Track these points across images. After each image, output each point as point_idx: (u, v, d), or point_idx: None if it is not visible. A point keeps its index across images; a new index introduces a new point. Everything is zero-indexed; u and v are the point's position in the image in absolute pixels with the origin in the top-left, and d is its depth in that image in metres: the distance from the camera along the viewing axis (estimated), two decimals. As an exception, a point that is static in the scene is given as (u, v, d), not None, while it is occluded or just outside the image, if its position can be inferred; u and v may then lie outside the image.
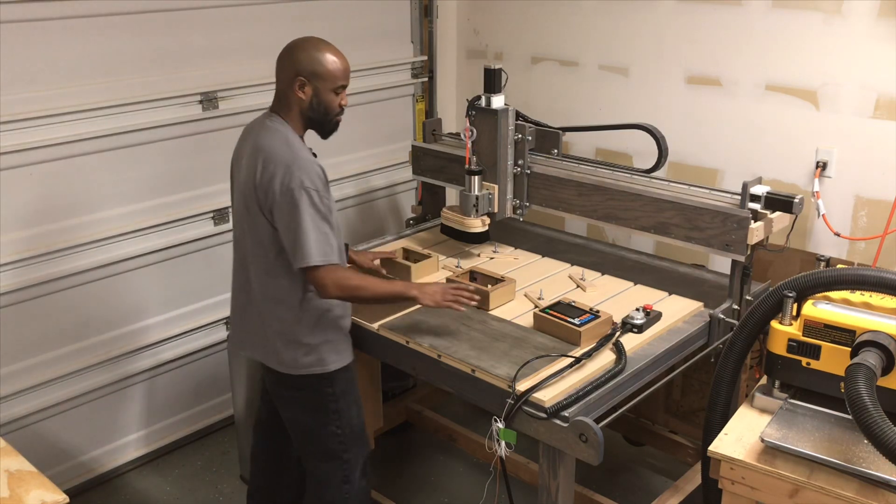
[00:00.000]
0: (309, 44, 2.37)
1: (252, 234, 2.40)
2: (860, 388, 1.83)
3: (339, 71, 2.37)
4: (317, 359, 2.44)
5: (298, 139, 2.39)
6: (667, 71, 3.45)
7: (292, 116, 2.40)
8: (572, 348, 2.40)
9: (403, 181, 4.15)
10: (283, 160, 2.30)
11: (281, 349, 2.44)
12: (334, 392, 2.49)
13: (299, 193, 2.26)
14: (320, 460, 2.57)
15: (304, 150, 2.36)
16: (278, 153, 2.32)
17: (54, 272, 3.03)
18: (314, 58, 2.34)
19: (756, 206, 2.55)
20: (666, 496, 2.80)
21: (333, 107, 2.40)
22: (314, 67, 2.34)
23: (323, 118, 2.41)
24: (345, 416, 2.53)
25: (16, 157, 2.86)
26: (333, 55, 2.36)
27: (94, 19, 2.95)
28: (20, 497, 1.90)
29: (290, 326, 2.42)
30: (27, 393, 3.07)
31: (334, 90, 2.38)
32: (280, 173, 2.28)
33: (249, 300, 2.49)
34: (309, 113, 2.39)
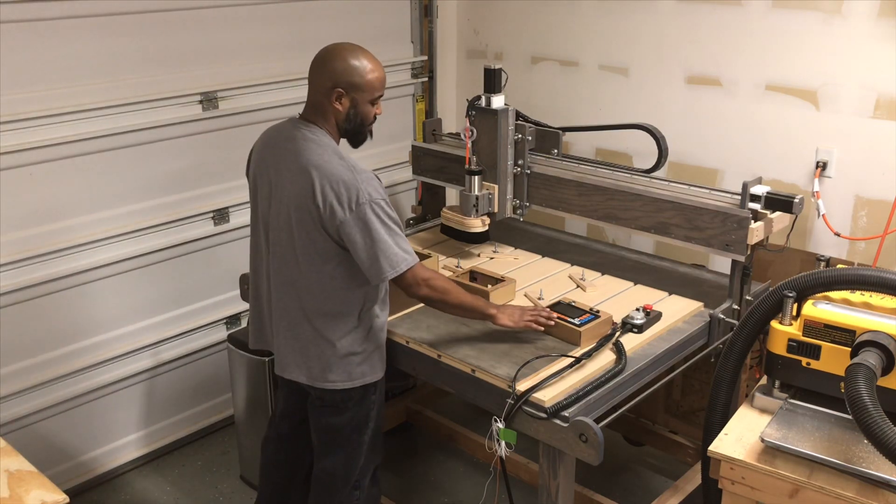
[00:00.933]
0: (346, 52, 2.29)
1: (304, 252, 2.30)
2: (860, 388, 1.83)
3: (377, 81, 2.31)
4: (369, 367, 2.42)
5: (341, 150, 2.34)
6: (667, 71, 3.45)
7: (330, 126, 2.35)
8: (572, 348, 2.40)
9: (403, 181, 4.15)
10: (343, 177, 2.23)
11: (334, 364, 2.38)
12: (377, 399, 2.49)
13: (369, 208, 2.22)
14: (339, 468, 2.53)
15: (357, 162, 2.31)
16: (336, 170, 2.25)
17: (54, 272, 3.03)
18: (353, 68, 2.28)
19: (756, 206, 2.55)
20: (666, 496, 2.80)
21: (369, 118, 2.36)
22: (352, 79, 2.28)
23: (358, 129, 2.37)
24: (374, 422, 2.52)
25: (16, 157, 2.86)
26: (372, 64, 2.30)
27: (94, 19, 2.95)
28: (20, 497, 1.90)
29: (347, 340, 2.37)
30: (27, 393, 3.07)
31: (371, 101, 2.33)
32: (345, 191, 2.22)
33: (298, 322, 2.39)
34: (345, 125, 2.34)
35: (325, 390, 2.41)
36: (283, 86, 3.53)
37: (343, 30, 3.70)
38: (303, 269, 2.33)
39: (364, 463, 2.54)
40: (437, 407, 3.68)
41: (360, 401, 2.46)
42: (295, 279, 2.35)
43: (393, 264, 2.24)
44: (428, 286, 2.31)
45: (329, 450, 2.53)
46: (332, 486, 2.56)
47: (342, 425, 2.48)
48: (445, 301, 2.36)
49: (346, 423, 2.48)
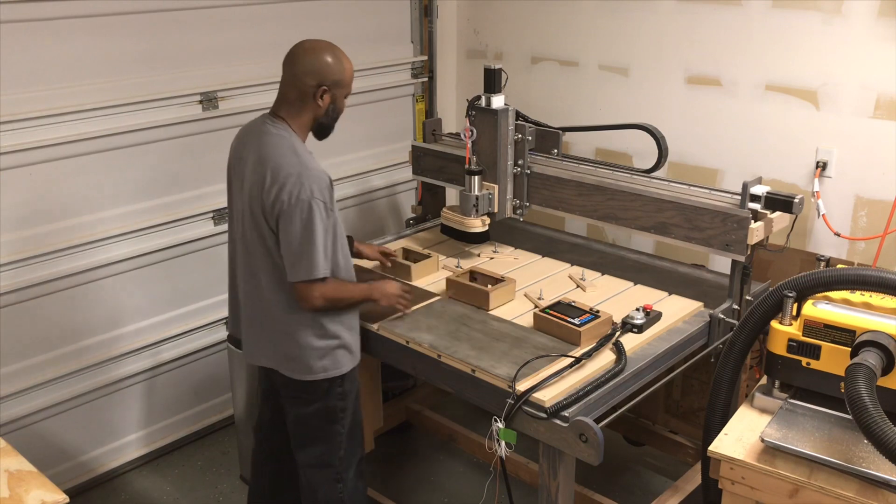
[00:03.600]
0: (325, 51, 2.35)
1: (261, 244, 2.37)
2: (860, 388, 1.83)
3: (352, 78, 2.42)
4: (331, 362, 2.45)
5: (303, 146, 2.38)
6: (667, 71, 3.45)
7: (301, 122, 2.39)
8: (572, 348, 2.40)
9: (403, 181, 4.15)
10: (292, 170, 2.28)
11: (296, 355, 2.43)
12: (345, 391, 2.51)
13: (308, 205, 2.26)
14: (316, 459, 2.56)
15: (312, 159, 2.35)
16: (287, 163, 2.29)
17: (54, 272, 3.03)
18: (334, 66, 2.35)
19: (756, 206, 2.55)
20: (666, 496, 2.80)
21: (341, 111, 2.45)
22: (336, 76, 2.35)
23: (332, 123, 2.45)
24: (349, 415, 2.54)
25: (16, 157, 2.86)
26: (349, 62, 2.39)
27: (94, 19, 2.95)
28: (20, 497, 1.90)
29: (305, 332, 2.41)
30: (27, 393, 3.07)
31: (345, 96, 2.42)
32: (290, 184, 2.26)
33: (261, 309, 2.46)
34: (323, 119, 2.41)
35: (289, 378, 2.47)
36: (283, 86, 3.53)
37: (343, 30, 3.71)
38: (261, 261, 2.40)
39: (345, 455, 2.56)
40: (437, 407, 3.68)
41: (326, 393, 2.48)
42: (257, 269, 2.43)
43: (309, 269, 2.28)
44: (325, 299, 2.34)
45: (304, 441, 2.57)
46: (313, 478, 2.58)
47: (310, 416, 2.52)
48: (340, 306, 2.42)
49: (315, 413, 2.51)
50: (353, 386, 2.55)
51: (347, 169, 3.92)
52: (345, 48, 2.43)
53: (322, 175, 2.32)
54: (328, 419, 2.52)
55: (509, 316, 2.64)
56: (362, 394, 2.92)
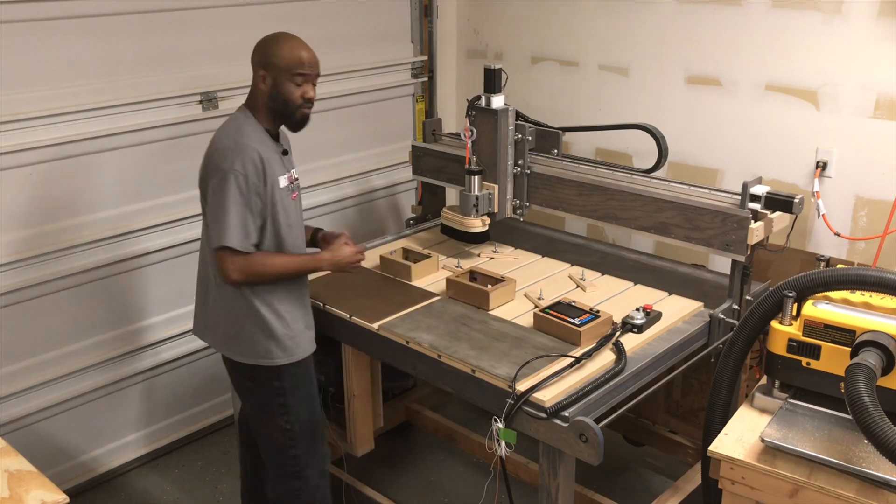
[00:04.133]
0: (272, 37, 2.43)
1: (204, 221, 2.45)
2: (860, 388, 1.83)
3: (294, 60, 2.38)
4: (265, 350, 2.47)
5: (255, 129, 2.41)
6: (667, 71, 3.45)
7: (257, 108, 2.44)
8: (572, 348, 2.40)
9: (403, 181, 4.15)
10: (223, 143, 2.37)
11: (233, 337, 2.47)
12: (282, 386, 2.51)
13: (227, 175, 2.31)
14: (271, 452, 2.59)
15: (251, 138, 2.37)
16: (222, 137, 2.39)
17: (54, 272, 3.03)
18: (273, 49, 2.39)
19: (756, 206, 2.55)
20: (666, 496, 2.80)
21: (294, 98, 2.40)
22: (272, 59, 2.38)
23: (283, 109, 2.42)
24: (294, 412, 2.53)
25: (16, 157, 2.86)
26: (293, 44, 2.40)
27: (94, 19, 2.95)
28: (20, 497, 1.90)
29: (241, 316, 2.45)
30: (27, 393, 3.07)
31: (293, 80, 2.38)
32: (216, 155, 2.35)
33: (208, 287, 2.53)
34: (270, 104, 2.42)
35: (231, 361, 2.52)
36: (283, 86, 3.53)
37: (343, 30, 3.71)
38: (204, 240, 2.49)
39: (302, 455, 2.56)
40: (437, 407, 3.68)
41: (264, 383, 2.50)
42: (204, 247, 2.51)
43: (220, 236, 2.32)
44: (241, 272, 2.36)
45: (257, 430, 2.60)
46: (272, 476, 2.60)
47: (254, 406, 2.56)
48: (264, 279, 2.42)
49: (256, 404, 2.55)
50: (300, 384, 2.54)
51: (347, 169, 3.92)
52: (344, 48, 2.44)
53: (251, 152, 2.34)
54: (269, 413, 2.53)
55: (509, 316, 2.64)
56: (362, 394, 2.93)
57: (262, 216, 2.38)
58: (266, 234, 2.42)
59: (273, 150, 2.44)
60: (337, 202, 3.91)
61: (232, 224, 2.31)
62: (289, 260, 2.44)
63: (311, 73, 2.42)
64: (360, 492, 3.02)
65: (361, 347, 2.75)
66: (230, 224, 2.31)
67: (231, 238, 2.31)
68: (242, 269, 2.35)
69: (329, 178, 3.84)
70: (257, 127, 2.43)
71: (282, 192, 2.43)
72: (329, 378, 3.00)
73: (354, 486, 3.03)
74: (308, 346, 2.56)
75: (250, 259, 2.36)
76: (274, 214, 2.41)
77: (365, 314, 2.66)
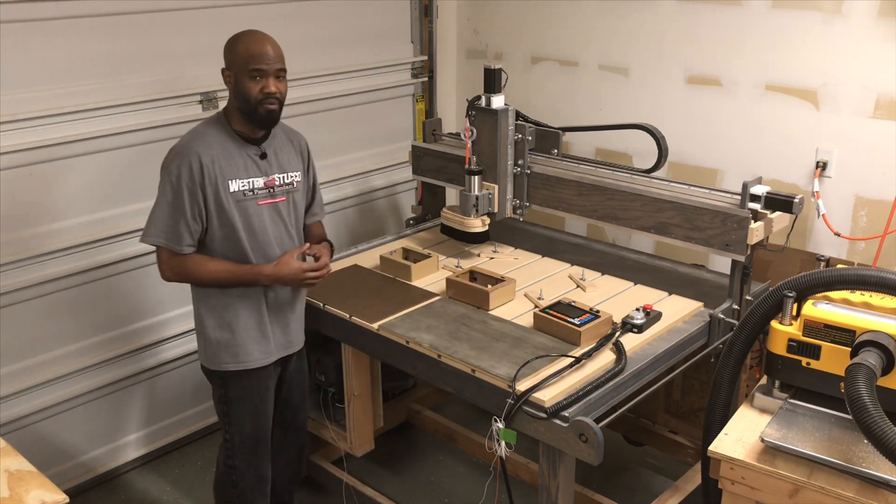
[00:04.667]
0: (233, 36, 2.42)
1: None
2: (860, 388, 1.83)
3: (248, 54, 2.34)
4: (213, 354, 2.50)
5: (217, 131, 2.41)
6: (667, 71, 3.45)
7: (231, 110, 2.44)
8: (572, 348, 2.40)
9: (403, 181, 4.15)
10: (175, 145, 2.41)
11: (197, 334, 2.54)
12: (226, 395, 2.52)
13: (162, 175, 2.37)
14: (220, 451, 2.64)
15: (201, 142, 2.38)
16: (180, 139, 2.42)
17: (53, 272, 3.03)
18: (231, 47, 2.39)
19: (756, 206, 2.55)
20: (666, 496, 2.80)
21: (252, 93, 2.35)
22: (230, 57, 2.39)
23: (245, 106, 2.38)
24: (235, 425, 2.53)
25: (16, 157, 2.86)
26: (249, 40, 2.37)
27: (94, 19, 2.95)
28: (20, 497, 1.90)
29: (197, 315, 2.52)
30: (27, 393, 3.07)
31: (249, 75, 2.34)
32: (166, 156, 2.40)
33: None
34: (236, 102, 2.40)
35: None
36: (283, 86, 3.53)
37: (343, 30, 3.71)
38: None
39: (239, 467, 2.57)
40: (437, 407, 3.68)
41: (219, 387, 2.53)
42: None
43: (147, 232, 2.39)
44: (172, 270, 2.42)
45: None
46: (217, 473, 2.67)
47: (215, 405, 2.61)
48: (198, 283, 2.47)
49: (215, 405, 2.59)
50: (244, 396, 2.52)
51: (347, 169, 3.92)
52: (345, 48, 2.44)
53: (192, 155, 2.35)
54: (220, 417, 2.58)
55: (509, 316, 2.64)
56: (362, 394, 2.93)
57: (199, 220, 2.38)
58: (214, 239, 2.42)
59: (236, 153, 2.40)
60: (337, 202, 3.91)
61: (157, 222, 2.37)
62: (222, 268, 2.42)
63: (269, 67, 2.35)
64: (360, 492, 3.02)
65: (361, 347, 2.75)
66: (154, 222, 2.37)
67: (153, 234, 2.37)
68: (172, 268, 2.41)
69: (329, 178, 3.83)
70: (220, 130, 2.41)
71: (233, 196, 2.39)
72: (329, 378, 2.99)
73: (354, 487, 3.03)
74: (259, 357, 2.52)
75: (182, 260, 2.39)
76: (222, 219, 2.39)
77: (365, 314, 2.66)
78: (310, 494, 3.21)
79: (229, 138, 2.41)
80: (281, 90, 2.39)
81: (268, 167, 2.47)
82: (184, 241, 2.37)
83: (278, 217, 2.51)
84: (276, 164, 2.50)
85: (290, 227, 2.55)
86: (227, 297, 2.46)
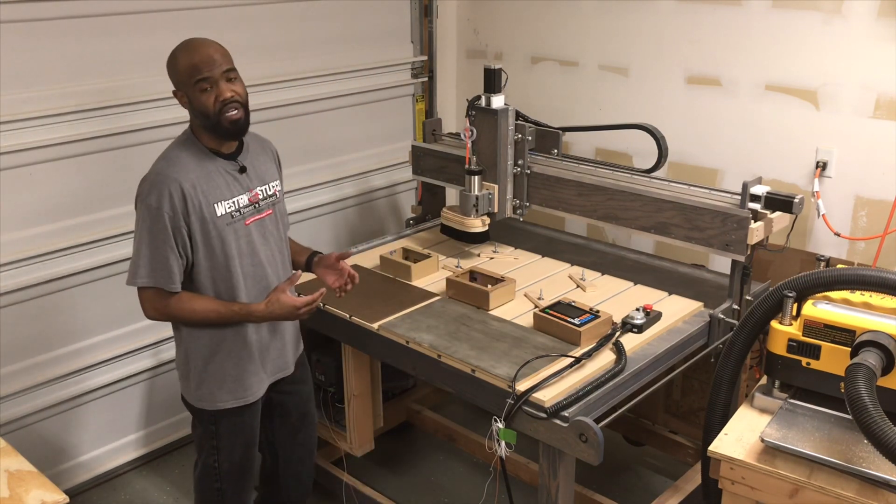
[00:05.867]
0: (171, 54, 2.24)
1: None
2: (860, 388, 1.83)
3: (190, 66, 2.18)
4: (207, 392, 2.38)
5: (190, 151, 2.25)
6: (667, 71, 3.45)
7: (194, 125, 2.29)
8: (572, 348, 2.40)
9: (403, 181, 4.15)
10: (148, 173, 2.23)
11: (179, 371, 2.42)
12: (217, 431, 2.43)
13: (141, 208, 2.19)
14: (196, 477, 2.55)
15: (177, 167, 2.20)
16: (152, 167, 2.25)
17: (54, 272, 3.03)
18: (172, 67, 2.24)
19: (756, 206, 2.55)
20: (666, 496, 2.80)
21: (209, 106, 2.19)
22: (174, 77, 2.24)
23: (206, 121, 2.22)
24: (224, 454, 2.45)
25: (16, 157, 2.86)
26: (184, 53, 2.21)
27: (94, 19, 2.95)
28: (20, 497, 1.90)
29: (182, 352, 2.39)
30: (27, 393, 3.07)
31: (199, 88, 2.18)
32: (141, 185, 2.22)
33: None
34: (198, 120, 2.25)
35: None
36: (283, 86, 3.53)
37: (343, 30, 3.71)
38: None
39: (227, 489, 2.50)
40: (437, 407, 3.68)
41: (201, 421, 2.45)
42: None
43: (132, 274, 2.22)
44: (156, 311, 2.25)
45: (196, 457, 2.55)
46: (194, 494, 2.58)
47: (195, 438, 2.52)
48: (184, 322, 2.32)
49: (196, 436, 2.50)
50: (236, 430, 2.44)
51: (347, 169, 3.92)
52: (345, 48, 2.43)
53: (169, 181, 2.17)
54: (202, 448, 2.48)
55: (509, 316, 2.64)
56: (362, 394, 2.93)
57: (184, 254, 2.22)
58: (200, 271, 2.26)
59: (214, 173, 2.25)
60: (337, 202, 3.91)
61: (142, 263, 2.19)
62: (210, 308, 2.26)
63: (214, 73, 2.18)
64: (360, 492, 3.02)
65: (361, 347, 2.75)
66: (140, 263, 2.19)
67: (140, 276, 2.20)
68: (157, 308, 2.24)
69: (329, 178, 3.84)
70: (193, 150, 2.25)
71: (221, 220, 2.24)
72: (329, 378, 2.99)
73: (354, 487, 3.03)
74: (256, 389, 2.42)
75: (167, 300, 2.23)
76: (209, 249, 2.24)
77: (365, 314, 2.66)
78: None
79: (205, 157, 2.25)
80: (238, 92, 2.22)
81: (248, 181, 2.33)
82: (174, 278, 2.21)
83: (267, 234, 2.38)
84: (256, 176, 2.36)
85: (279, 241, 2.43)
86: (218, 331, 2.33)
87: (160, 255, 2.19)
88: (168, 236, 2.18)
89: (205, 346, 2.34)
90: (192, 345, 2.35)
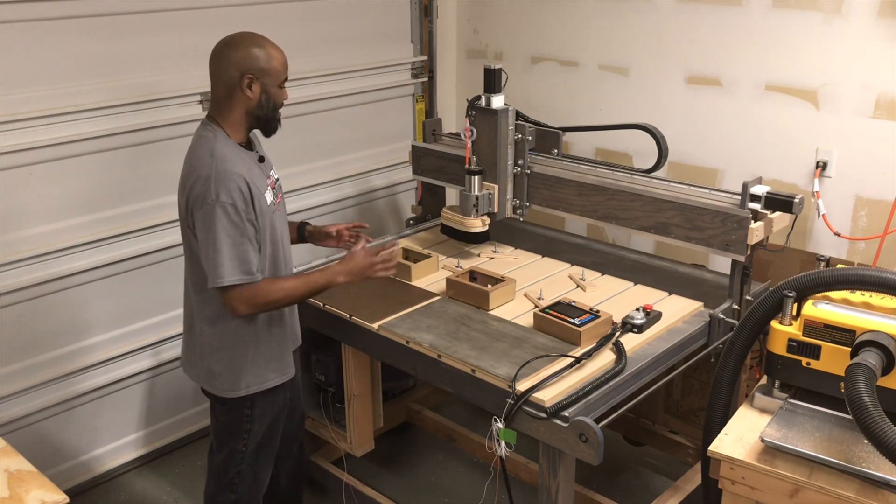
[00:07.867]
0: (249, 41, 2.30)
1: (186, 250, 2.38)
2: (860, 388, 1.83)
3: (283, 66, 2.33)
4: (254, 377, 2.42)
5: (229, 147, 2.29)
6: (667, 71, 3.45)
7: (233, 120, 2.32)
8: (572, 348, 2.40)
9: (403, 181, 4.15)
10: (203, 172, 2.23)
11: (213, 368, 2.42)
12: (252, 415, 2.46)
13: (213, 208, 2.20)
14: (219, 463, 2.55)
15: (229, 161, 2.25)
16: (200, 165, 2.25)
17: (54, 272, 3.03)
18: (258, 54, 2.28)
19: (756, 206, 2.55)
20: (666, 496, 2.80)
21: (280, 102, 2.36)
22: (260, 64, 2.28)
23: (271, 115, 2.35)
24: (253, 436, 2.49)
25: (16, 157, 2.86)
26: (276, 50, 2.32)
27: (95, 19, 2.95)
28: (20, 497, 1.90)
29: (219, 347, 2.40)
30: (27, 393, 3.07)
31: (280, 85, 2.34)
32: (199, 186, 2.23)
33: (189, 315, 2.47)
34: (257, 112, 2.32)
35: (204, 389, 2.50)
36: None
37: (343, 30, 3.71)
38: (188, 269, 2.42)
39: (245, 469, 2.52)
40: (437, 407, 3.68)
41: (232, 409, 2.46)
42: (187, 277, 2.43)
43: (217, 275, 2.22)
44: (248, 305, 2.27)
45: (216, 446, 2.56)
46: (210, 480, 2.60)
47: (220, 428, 2.53)
48: (276, 307, 2.35)
49: (223, 426, 2.51)
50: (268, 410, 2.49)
51: (347, 169, 3.92)
52: (345, 48, 2.44)
53: (233, 176, 2.22)
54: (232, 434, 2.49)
55: (509, 316, 2.65)
56: (362, 394, 2.93)
57: (257, 241, 2.30)
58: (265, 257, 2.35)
59: (252, 164, 2.34)
60: (337, 202, 3.91)
61: (226, 260, 2.21)
62: (297, 283, 2.34)
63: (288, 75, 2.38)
64: (360, 492, 3.02)
65: (361, 347, 2.75)
66: (224, 260, 2.21)
67: (227, 274, 2.21)
68: (249, 301, 2.26)
69: (329, 178, 3.84)
70: (230, 145, 2.30)
71: (270, 208, 2.35)
72: (329, 378, 2.99)
73: (354, 487, 3.04)
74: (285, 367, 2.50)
75: (254, 290, 2.26)
76: (272, 235, 2.36)
77: (365, 314, 2.66)
78: (310, 494, 3.21)
79: (241, 151, 2.33)
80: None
81: (266, 169, 2.43)
82: (252, 269, 2.25)
83: (284, 218, 2.51)
84: (268, 163, 2.47)
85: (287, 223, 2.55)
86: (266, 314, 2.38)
87: (240, 250, 2.23)
88: (245, 229, 2.24)
89: (251, 333, 2.39)
90: (240, 334, 2.37)
